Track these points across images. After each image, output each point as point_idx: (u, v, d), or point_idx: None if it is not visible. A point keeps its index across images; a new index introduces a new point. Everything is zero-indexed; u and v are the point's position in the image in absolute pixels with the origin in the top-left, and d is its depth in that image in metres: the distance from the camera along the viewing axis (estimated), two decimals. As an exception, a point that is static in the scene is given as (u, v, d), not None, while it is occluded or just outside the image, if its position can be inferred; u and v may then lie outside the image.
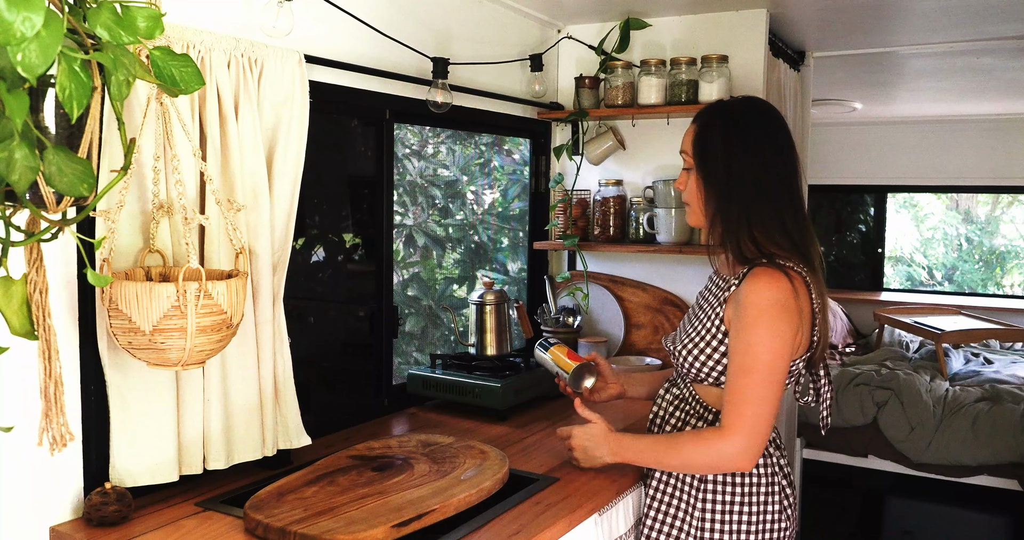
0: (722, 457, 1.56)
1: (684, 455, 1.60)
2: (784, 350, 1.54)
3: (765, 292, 1.53)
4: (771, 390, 1.54)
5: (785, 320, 1.53)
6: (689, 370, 1.67)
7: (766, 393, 1.53)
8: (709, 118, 1.67)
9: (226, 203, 1.61)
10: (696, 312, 1.75)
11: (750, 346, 1.53)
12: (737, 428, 1.53)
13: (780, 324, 1.53)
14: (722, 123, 1.65)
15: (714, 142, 1.63)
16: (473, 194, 3.82)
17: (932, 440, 3.81)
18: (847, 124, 5.81)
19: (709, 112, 1.68)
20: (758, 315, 1.53)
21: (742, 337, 1.55)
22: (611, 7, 2.68)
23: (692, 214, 1.71)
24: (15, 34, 0.85)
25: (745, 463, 1.55)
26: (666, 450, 1.63)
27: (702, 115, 1.69)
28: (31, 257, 1.16)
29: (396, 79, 2.19)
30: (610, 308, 2.92)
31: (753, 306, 1.54)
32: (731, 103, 1.71)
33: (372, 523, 1.47)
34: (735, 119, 1.65)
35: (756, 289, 1.54)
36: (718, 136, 1.63)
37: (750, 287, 1.55)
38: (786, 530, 1.67)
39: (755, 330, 1.53)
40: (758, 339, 1.53)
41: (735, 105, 1.70)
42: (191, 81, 1.18)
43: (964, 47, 3.15)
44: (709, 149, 1.64)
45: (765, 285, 1.54)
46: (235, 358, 1.71)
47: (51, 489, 1.53)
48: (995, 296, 6.30)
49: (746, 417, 1.53)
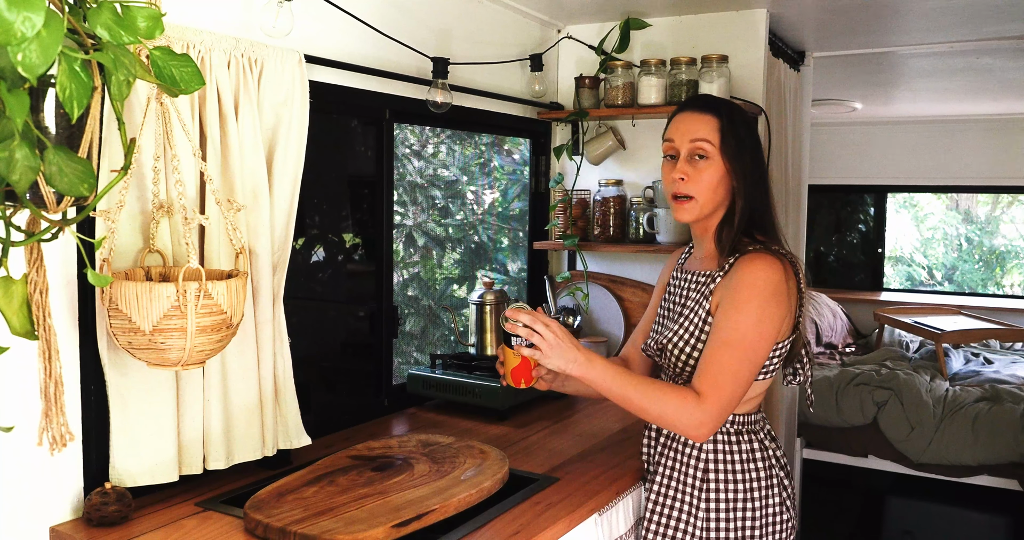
0: (690, 420, 1.52)
1: (652, 399, 1.53)
2: (770, 333, 1.55)
3: (761, 273, 1.55)
4: (749, 369, 1.55)
5: (776, 303, 1.55)
6: (684, 367, 1.67)
7: (744, 371, 1.54)
8: (730, 112, 1.66)
9: (226, 203, 1.61)
10: (676, 310, 1.73)
11: (738, 323, 1.54)
12: (714, 399, 1.52)
13: (772, 307, 1.55)
14: (741, 118, 1.66)
15: (741, 136, 1.64)
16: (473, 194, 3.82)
17: (932, 440, 3.81)
18: (847, 124, 5.81)
19: (725, 107, 1.67)
20: (751, 295, 1.54)
21: (731, 314, 1.55)
22: (611, 7, 2.68)
23: (694, 207, 1.64)
24: (15, 34, 0.85)
25: (705, 433, 1.54)
26: (636, 386, 1.54)
27: (717, 108, 1.66)
28: (31, 257, 1.16)
29: (396, 79, 2.19)
30: (610, 308, 2.92)
31: (749, 286, 1.55)
32: (734, 103, 1.73)
33: (372, 523, 1.47)
34: (748, 119, 1.69)
35: (752, 270, 1.56)
36: (743, 129, 1.65)
37: (746, 268, 1.57)
38: (788, 521, 1.68)
39: (746, 308, 1.54)
40: (748, 318, 1.54)
41: (738, 106, 1.73)
42: (191, 81, 1.18)
43: (964, 47, 3.15)
44: (738, 141, 1.63)
45: (761, 267, 1.56)
46: (235, 358, 1.71)
47: (51, 489, 1.53)
48: (995, 296, 6.30)
49: (723, 390, 1.52)
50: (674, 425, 1.55)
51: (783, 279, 1.56)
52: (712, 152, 1.62)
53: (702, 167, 1.63)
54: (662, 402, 1.53)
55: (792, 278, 1.60)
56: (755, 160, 1.65)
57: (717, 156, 1.62)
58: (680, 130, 1.66)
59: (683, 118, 1.67)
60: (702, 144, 1.62)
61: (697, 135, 1.63)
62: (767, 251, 1.59)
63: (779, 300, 1.56)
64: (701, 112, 1.65)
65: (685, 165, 1.64)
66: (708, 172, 1.63)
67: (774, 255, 1.59)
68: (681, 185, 1.64)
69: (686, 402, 1.52)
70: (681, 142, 1.65)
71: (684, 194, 1.64)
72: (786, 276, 1.58)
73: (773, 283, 1.55)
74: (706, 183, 1.63)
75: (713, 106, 1.66)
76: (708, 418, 1.52)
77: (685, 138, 1.64)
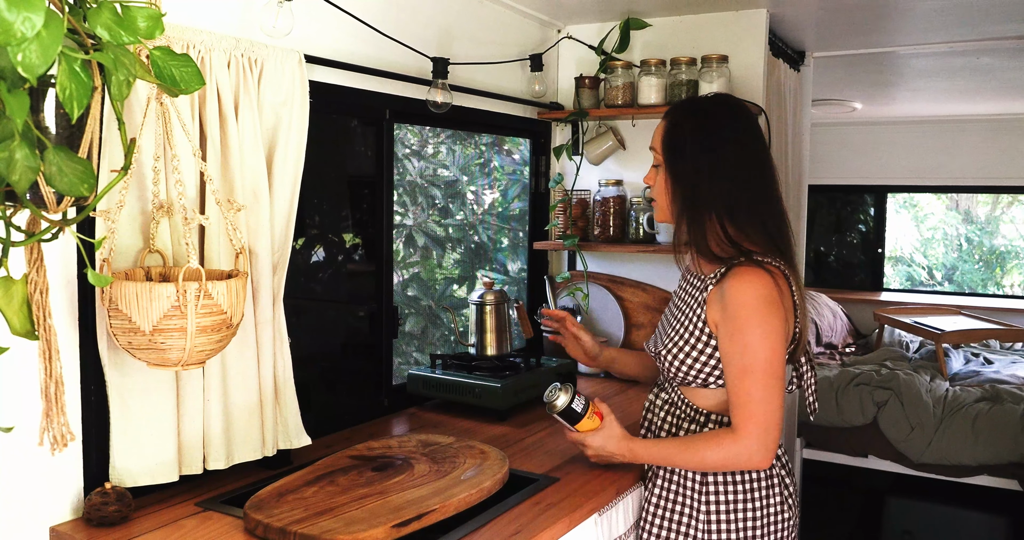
0: (739, 458, 1.57)
1: (700, 458, 1.61)
2: (779, 346, 1.56)
3: (751, 290, 1.54)
4: (775, 386, 1.55)
5: (775, 315, 1.55)
6: (676, 374, 1.67)
7: (770, 390, 1.55)
8: (679, 115, 1.65)
9: (226, 203, 1.61)
10: (674, 313, 1.74)
11: (747, 347, 1.54)
12: (749, 430, 1.55)
13: (772, 320, 1.54)
14: (692, 120, 1.63)
15: (683, 139, 1.62)
16: (473, 194, 3.82)
17: (932, 440, 3.81)
18: (847, 124, 5.81)
19: (680, 109, 1.67)
20: (749, 315, 1.54)
21: (736, 339, 1.55)
22: (611, 7, 2.68)
23: (659, 211, 1.71)
24: (15, 34, 0.85)
25: (763, 462, 1.58)
26: (682, 453, 1.63)
27: (672, 112, 1.67)
28: (31, 257, 1.16)
29: (396, 79, 2.19)
30: (610, 308, 2.92)
31: (743, 306, 1.54)
32: (701, 100, 1.71)
33: (372, 523, 1.47)
34: (705, 116, 1.64)
35: (742, 289, 1.54)
36: (687, 133, 1.62)
37: (735, 287, 1.55)
38: (789, 520, 1.68)
39: (748, 330, 1.54)
40: (753, 338, 1.53)
41: (705, 102, 1.70)
42: (191, 81, 1.18)
43: (964, 47, 3.15)
44: (677, 146, 1.62)
45: (750, 283, 1.54)
46: (235, 358, 1.71)
47: (51, 489, 1.53)
48: (995, 296, 6.30)
49: (757, 417, 1.54)
50: (735, 468, 1.61)
51: (775, 292, 1.55)
52: (659, 159, 1.66)
53: (656, 173, 1.68)
54: (708, 457, 1.60)
55: (784, 289, 1.58)
56: (699, 163, 1.59)
57: (662, 162, 1.66)
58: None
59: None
60: (652, 151, 1.68)
61: (652, 142, 1.69)
62: (752, 264, 1.57)
63: (775, 310, 1.55)
64: (663, 118, 1.68)
65: (651, 171, 1.71)
66: (659, 179, 1.67)
67: (760, 267, 1.56)
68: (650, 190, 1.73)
69: (722, 444, 1.58)
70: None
71: (650, 197, 1.70)
72: (777, 288, 1.56)
73: (764, 296, 1.54)
74: (659, 189, 1.68)
75: (668, 111, 1.69)
76: (752, 450, 1.56)
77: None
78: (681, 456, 1.63)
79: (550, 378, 2.37)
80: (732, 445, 1.56)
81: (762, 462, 1.57)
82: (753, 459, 1.57)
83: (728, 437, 1.57)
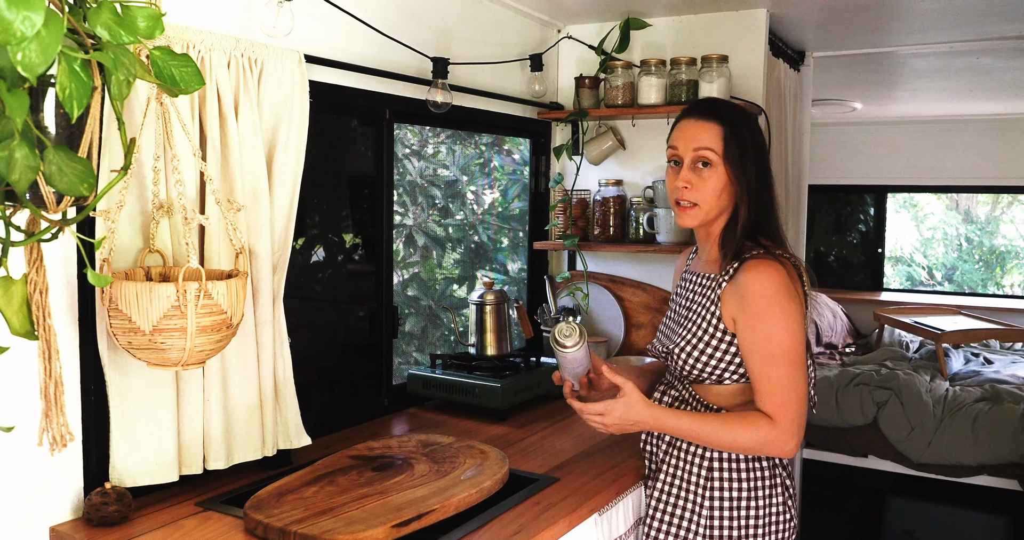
0: (773, 444, 1.57)
1: (732, 436, 1.59)
2: (800, 332, 1.57)
3: (769, 280, 1.56)
4: (800, 373, 1.57)
5: (794, 303, 1.56)
6: (691, 372, 1.67)
7: (796, 377, 1.56)
8: (733, 118, 1.64)
9: (226, 203, 1.61)
10: (681, 313, 1.74)
11: (771, 335, 1.55)
12: (783, 416, 1.56)
13: (791, 307, 1.56)
14: (746, 124, 1.65)
15: (745, 142, 1.62)
16: (473, 194, 3.82)
17: (932, 440, 3.81)
18: (847, 124, 5.81)
19: (728, 112, 1.66)
20: (769, 304, 1.55)
21: (759, 328, 1.56)
22: (611, 7, 2.68)
23: (698, 213, 1.65)
24: (15, 34, 0.85)
25: (793, 450, 1.58)
26: (715, 427, 1.60)
27: (721, 115, 1.65)
28: (31, 257, 1.16)
29: (396, 79, 2.19)
30: (610, 308, 2.91)
31: (762, 296, 1.55)
32: (739, 106, 1.71)
33: (372, 523, 1.47)
34: (752, 122, 1.68)
35: (759, 279, 1.56)
36: (747, 137, 1.63)
37: (752, 278, 1.57)
38: (790, 521, 1.68)
39: (770, 318, 1.55)
40: (776, 326, 1.55)
41: (742, 109, 1.71)
42: (191, 81, 1.18)
43: (964, 47, 3.15)
44: (742, 148, 1.62)
45: (766, 274, 1.56)
46: (235, 358, 1.70)
47: (51, 489, 1.53)
48: (995, 296, 6.30)
49: (789, 404, 1.55)
50: (762, 451, 1.60)
51: (789, 280, 1.57)
52: (715, 160, 1.62)
53: (706, 175, 1.63)
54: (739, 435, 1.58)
55: (796, 279, 1.60)
56: (759, 165, 1.65)
57: (720, 164, 1.62)
58: (684, 137, 1.65)
59: (687, 125, 1.66)
60: (705, 152, 1.62)
61: (701, 143, 1.63)
62: (768, 256, 1.59)
63: (793, 298, 1.57)
64: (705, 119, 1.64)
65: (689, 173, 1.64)
66: (712, 180, 1.62)
67: (776, 259, 1.59)
68: (685, 193, 1.64)
69: (759, 427, 1.57)
70: (685, 150, 1.64)
71: (688, 201, 1.64)
72: (791, 277, 1.58)
73: (782, 285, 1.56)
74: (709, 191, 1.63)
75: (717, 113, 1.65)
76: (786, 436, 1.56)
77: (689, 146, 1.64)
78: (713, 430, 1.60)
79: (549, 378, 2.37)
80: (769, 430, 1.56)
81: (792, 450, 1.58)
82: (787, 446, 1.57)
83: (765, 421, 1.57)
